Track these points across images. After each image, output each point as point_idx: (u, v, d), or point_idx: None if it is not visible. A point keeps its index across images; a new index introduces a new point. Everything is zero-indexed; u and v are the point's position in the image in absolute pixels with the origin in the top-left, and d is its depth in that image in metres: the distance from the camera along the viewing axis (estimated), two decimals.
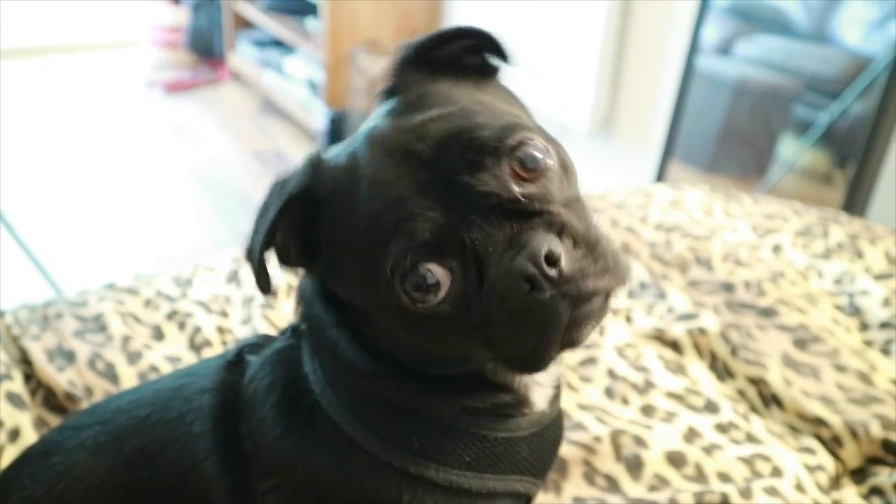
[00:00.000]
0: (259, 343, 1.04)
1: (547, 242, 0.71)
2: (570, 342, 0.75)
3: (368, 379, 0.88)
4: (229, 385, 0.99)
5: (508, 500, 0.91)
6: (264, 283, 0.84)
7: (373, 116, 0.86)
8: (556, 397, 0.98)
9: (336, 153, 0.85)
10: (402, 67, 0.87)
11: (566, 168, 0.80)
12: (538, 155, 0.76)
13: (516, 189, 0.74)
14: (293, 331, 0.99)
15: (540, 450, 0.95)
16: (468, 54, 0.90)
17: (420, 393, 0.88)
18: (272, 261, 0.85)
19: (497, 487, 0.89)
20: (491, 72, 0.92)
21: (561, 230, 0.73)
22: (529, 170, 0.75)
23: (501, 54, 0.90)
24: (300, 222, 0.84)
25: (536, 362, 0.76)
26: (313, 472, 0.90)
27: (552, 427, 0.98)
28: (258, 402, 0.95)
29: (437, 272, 0.73)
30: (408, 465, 0.86)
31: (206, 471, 0.94)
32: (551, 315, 0.71)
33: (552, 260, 0.70)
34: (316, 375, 0.92)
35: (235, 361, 1.02)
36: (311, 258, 0.86)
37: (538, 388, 0.94)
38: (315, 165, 0.84)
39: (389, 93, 0.87)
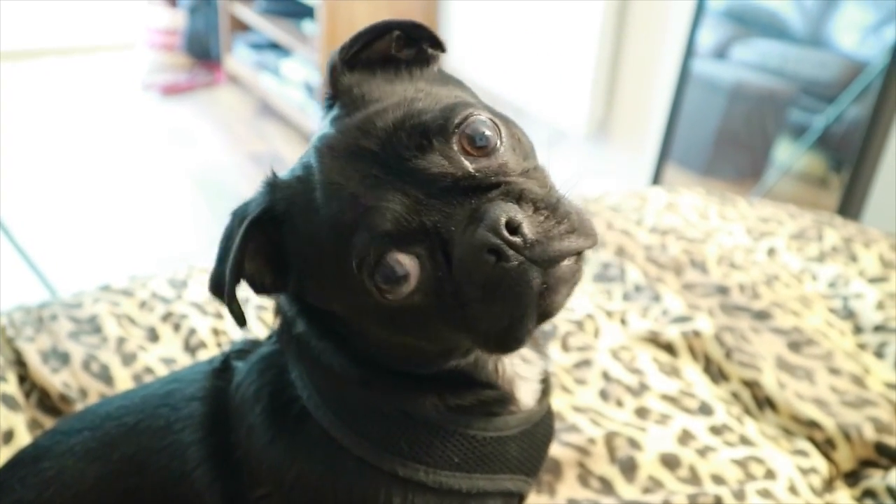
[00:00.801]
0: (245, 349, 1.04)
1: (506, 211, 0.71)
2: (547, 310, 0.74)
3: (354, 385, 0.88)
4: (217, 393, 0.99)
5: (500, 500, 0.92)
6: (239, 316, 0.84)
7: (320, 127, 0.86)
8: (544, 394, 0.99)
9: (291, 169, 0.85)
10: (335, 73, 0.87)
11: (518, 140, 0.81)
12: (485, 130, 0.76)
13: (469, 165, 0.75)
14: (278, 336, 0.98)
15: (530, 448, 0.95)
16: (401, 48, 0.90)
17: (406, 394, 0.88)
18: (245, 290, 0.85)
19: (487, 487, 0.89)
20: (427, 60, 0.91)
21: (519, 197, 0.73)
22: (479, 146, 0.76)
23: (433, 42, 0.90)
24: (267, 247, 0.84)
25: (515, 336, 0.74)
26: (303, 478, 0.90)
27: (542, 424, 0.98)
28: (246, 410, 0.95)
29: (404, 261, 0.73)
30: (397, 468, 0.86)
31: (198, 479, 0.94)
32: (521, 282, 0.71)
33: (513, 227, 0.70)
34: (302, 381, 0.92)
35: (222, 368, 1.02)
36: (284, 280, 0.86)
37: (523, 384, 0.94)
38: (271, 185, 0.85)
39: (330, 101, 0.88)
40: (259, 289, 0.87)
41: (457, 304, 0.74)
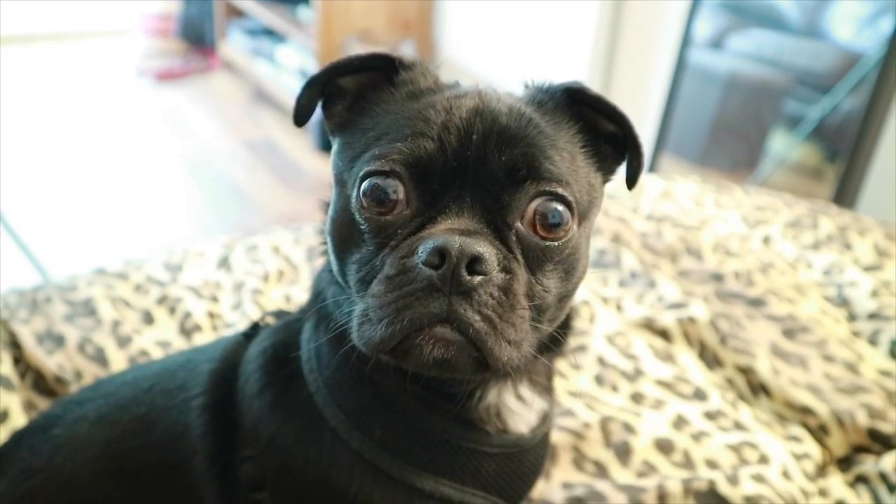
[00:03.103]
0: (276, 317, 1.06)
1: (488, 255, 0.71)
2: (407, 351, 0.72)
3: (343, 350, 0.85)
4: (235, 354, 1.00)
5: None
6: (306, 108, 0.87)
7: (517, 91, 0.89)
8: (541, 425, 0.97)
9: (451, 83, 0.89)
10: (571, 93, 0.87)
11: (570, 261, 0.81)
12: (560, 219, 0.77)
13: (517, 219, 0.76)
14: (306, 304, 1.00)
15: (512, 473, 0.93)
16: (607, 140, 0.89)
17: (387, 373, 0.86)
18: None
19: (452, 496, 0.88)
20: (608, 170, 0.91)
21: (508, 271, 0.73)
22: (545, 223, 0.77)
23: (633, 166, 0.89)
24: (365, 88, 0.87)
25: (370, 338, 0.73)
26: (277, 439, 0.90)
27: (532, 453, 0.96)
28: (250, 361, 0.97)
29: (399, 192, 0.76)
30: (364, 450, 0.86)
31: (194, 433, 0.94)
32: (418, 297, 0.70)
33: (474, 269, 0.70)
34: (308, 345, 0.93)
35: (249, 334, 1.04)
36: (342, 128, 0.88)
37: (511, 414, 0.93)
38: (421, 66, 0.88)
39: (546, 90, 0.88)
40: (331, 103, 0.89)
41: (379, 262, 0.75)
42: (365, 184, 0.76)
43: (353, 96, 0.88)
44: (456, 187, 0.75)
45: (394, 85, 0.86)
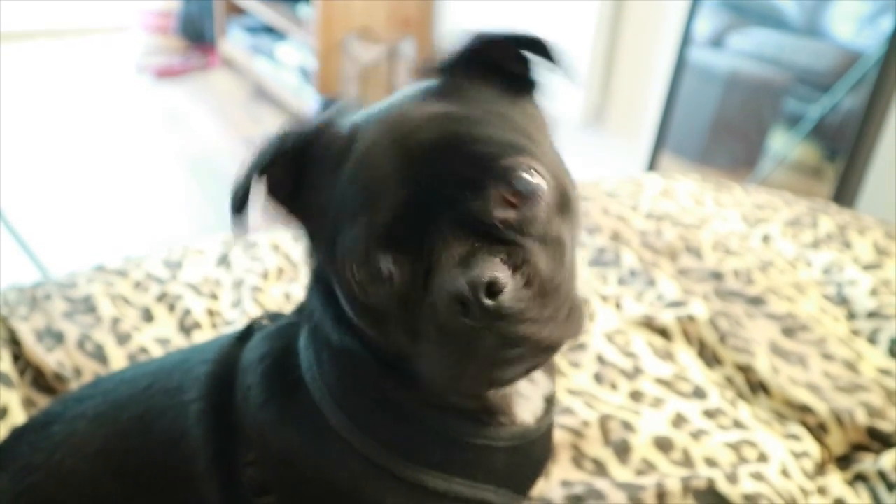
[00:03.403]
0: (270, 320, 1.05)
1: (495, 273, 0.68)
2: (492, 381, 0.74)
3: (346, 361, 0.87)
4: (230, 357, 1.00)
5: None
6: (240, 202, 0.81)
7: (409, 88, 0.84)
8: (546, 413, 0.96)
9: (353, 118, 0.83)
10: (462, 54, 0.83)
11: (564, 204, 0.78)
12: (531, 183, 0.74)
13: (495, 214, 0.72)
14: (300, 309, 0.99)
15: (521, 465, 0.93)
16: (518, 62, 0.87)
17: (389, 377, 0.86)
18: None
19: (465, 493, 0.87)
20: (531, 87, 0.89)
21: (520, 265, 0.71)
22: (518, 195, 0.73)
23: (550, 63, 0.86)
24: (294, 169, 0.83)
25: (452, 387, 0.75)
26: (286, 448, 0.90)
27: (539, 443, 0.96)
28: (249, 370, 0.95)
29: (388, 262, 0.73)
30: (374, 455, 0.86)
31: (194, 437, 0.94)
32: (472, 345, 0.69)
33: (494, 291, 0.68)
34: (307, 352, 0.92)
35: (243, 336, 1.03)
36: (301, 221, 0.86)
37: (522, 401, 0.92)
38: (333, 115, 0.84)
39: (437, 71, 0.84)
40: (274, 192, 0.85)
41: (414, 328, 0.74)
42: (358, 276, 0.74)
43: (290, 181, 0.85)
44: (429, 224, 0.72)
45: (316, 154, 0.82)
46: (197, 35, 5.85)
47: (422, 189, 0.73)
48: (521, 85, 0.87)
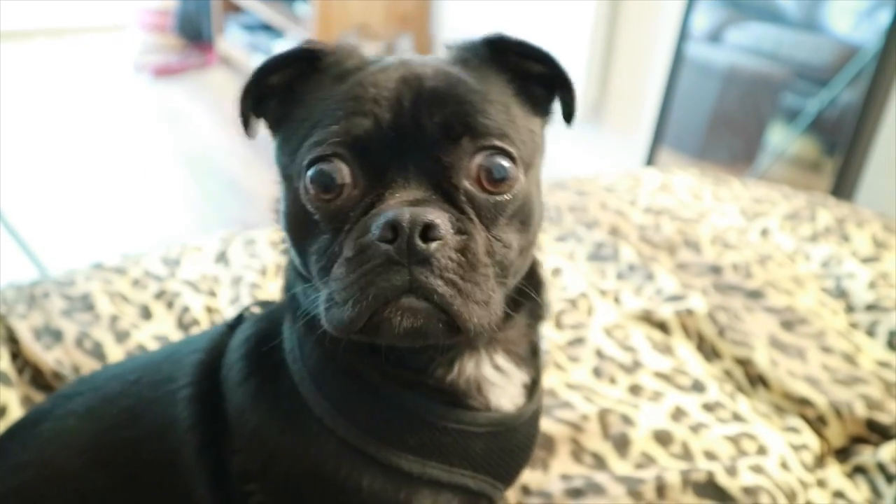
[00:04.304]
0: (260, 307, 1.06)
1: (439, 220, 0.71)
2: (377, 326, 0.72)
3: (321, 340, 0.85)
4: (219, 346, 1.00)
5: (458, 496, 0.89)
6: (246, 115, 0.88)
7: (440, 53, 0.88)
8: (528, 401, 0.96)
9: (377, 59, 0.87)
10: (483, 42, 0.87)
11: (523, 221, 0.81)
12: (505, 171, 0.77)
13: (462, 178, 0.76)
14: (280, 291, 1.00)
15: (500, 451, 0.93)
16: (537, 82, 0.89)
17: (359, 354, 0.86)
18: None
19: (440, 477, 0.88)
20: (544, 112, 0.91)
21: (461, 232, 0.73)
22: (489, 175, 0.77)
23: (567, 102, 0.89)
24: (296, 79, 0.87)
25: (343, 319, 0.73)
26: (262, 429, 0.90)
27: (521, 430, 0.96)
28: (232, 350, 0.97)
29: (344, 174, 0.76)
30: (351, 437, 0.86)
31: (181, 424, 0.94)
32: (380, 275, 0.70)
33: (428, 236, 0.70)
34: (290, 334, 0.93)
35: (234, 324, 1.03)
36: (279, 124, 0.89)
37: (493, 388, 0.92)
38: (343, 48, 0.88)
39: (469, 47, 0.87)
40: (264, 104, 0.90)
41: (337, 247, 0.75)
42: (310, 173, 0.77)
43: (284, 90, 0.88)
44: (398, 159, 0.75)
45: (320, 72, 0.86)
46: (194, 33, 5.85)
47: (406, 124, 0.76)
48: (537, 103, 0.89)
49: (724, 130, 3.72)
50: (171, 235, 3.39)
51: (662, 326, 1.62)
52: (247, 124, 0.89)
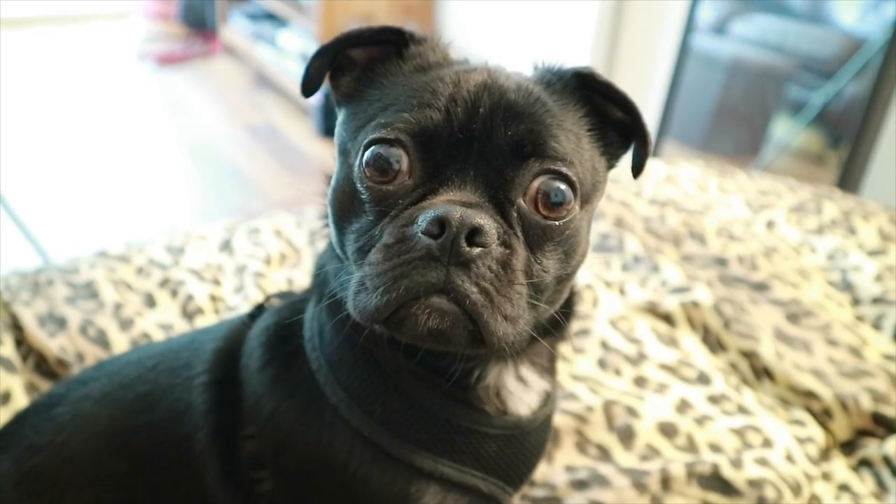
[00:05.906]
0: (281, 298, 1.06)
1: (488, 227, 0.70)
2: (402, 321, 0.71)
3: (341, 315, 0.83)
4: (239, 335, 1.00)
5: (467, 496, 0.89)
6: (316, 76, 0.87)
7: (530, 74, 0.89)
8: (542, 407, 0.96)
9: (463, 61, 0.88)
10: (572, 72, 0.87)
11: (566, 252, 0.80)
12: (563, 198, 0.77)
13: (519, 196, 0.76)
14: (315, 275, 0.99)
15: (513, 455, 0.93)
16: (613, 127, 0.89)
17: (385, 346, 0.86)
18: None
19: (451, 476, 0.87)
20: (615, 157, 0.91)
21: (507, 245, 0.73)
22: (546, 199, 0.76)
23: (640, 155, 0.89)
24: (377, 59, 0.87)
25: (367, 309, 0.72)
26: (277, 416, 0.90)
27: (534, 435, 0.96)
28: (252, 338, 0.97)
29: (402, 161, 0.75)
30: (364, 428, 0.86)
31: (196, 410, 0.94)
32: (416, 266, 0.70)
33: (474, 240, 0.70)
34: (311, 323, 0.93)
35: (254, 314, 1.03)
36: (349, 99, 0.88)
37: (511, 396, 0.92)
38: (431, 40, 0.89)
39: (557, 72, 0.88)
40: (338, 73, 0.89)
41: (377, 232, 0.74)
42: (368, 152, 0.76)
43: (362, 68, 0.87)
44: (460, 160, 0.75)
45: (403, 58, 0.85)
46: (198, 22, 5.83)
47: (478, 129, 0.75)
48: (608, 146, 0.88)
49: (728, 122, 3.71)
50: (173, 224, 3.39)
51: (668, 318, 1.61)
52: (311, 84, 0.87)
